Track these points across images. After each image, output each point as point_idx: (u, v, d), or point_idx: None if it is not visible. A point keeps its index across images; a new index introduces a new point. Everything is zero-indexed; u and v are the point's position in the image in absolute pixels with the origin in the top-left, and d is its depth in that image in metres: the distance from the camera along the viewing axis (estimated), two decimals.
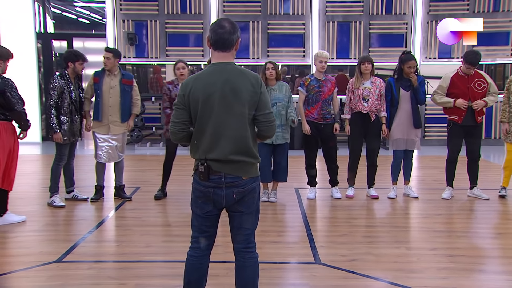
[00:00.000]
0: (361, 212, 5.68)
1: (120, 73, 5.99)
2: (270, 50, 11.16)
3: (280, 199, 6.15)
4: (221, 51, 2.75)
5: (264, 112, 2.74)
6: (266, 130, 2.78)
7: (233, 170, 2.72)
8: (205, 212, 2.81)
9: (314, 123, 6.03)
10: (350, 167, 6.22)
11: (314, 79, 6.05)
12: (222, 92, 2.68)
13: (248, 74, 2.75)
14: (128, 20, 11.06)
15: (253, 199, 2.82)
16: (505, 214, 5.63)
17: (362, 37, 11.10)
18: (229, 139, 2.69)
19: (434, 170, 7.50)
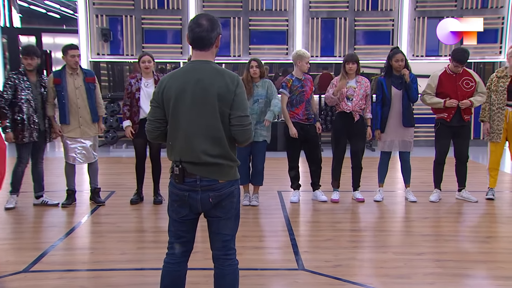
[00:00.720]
0: (346, 216, 5.72)
1: (82, 71, 5.93)
2: (251, 47, 11.16)
3: (262, 202, 6.16)
4: (200, 50, 2.75)
5: (237, 115, 2.69)
6: (239, 134, 2.72)
7: (208, 173, 2.72)
8: (181, 216, 2.81)
9: (299, 124, 6.05)
10: (334, 169, 6.26)
11: (295, 79, 6.08)
12: (193, 92, 2.68)
13: (225, 74, 2.73)
14: (102, 15, 10.96)
15: (231, 203, 2.80)
16: (494, 217, 5.72)
17: (347, 34, 11.18)
18: (203, 140, 2.68)
19: (422, 172, 7.59)
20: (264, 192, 6.52)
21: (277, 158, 8.54)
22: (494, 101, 6.16)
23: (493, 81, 6.19)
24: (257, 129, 5.88)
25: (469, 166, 6.34)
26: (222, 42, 13.52)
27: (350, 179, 6.33)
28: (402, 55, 5.99)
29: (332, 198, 6.23)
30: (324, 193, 6.30)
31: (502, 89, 6.08)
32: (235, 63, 11.14)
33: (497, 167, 6.33)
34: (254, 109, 5.83)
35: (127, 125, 5.95)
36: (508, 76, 6.09)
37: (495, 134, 6.17)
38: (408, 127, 6.12)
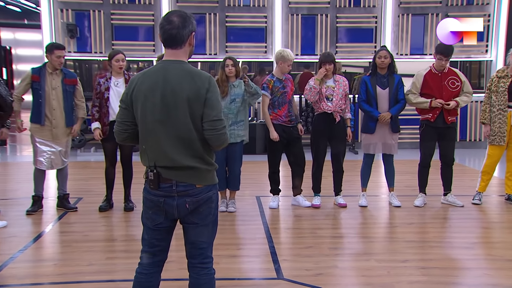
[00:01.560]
0: (327, 222, 5.76)
1: (62, 72, 5.87)
2: (228, 45, 11.18)
3: (239, 208, 6.16)
4: (171, 48, 2.74)
5: (209, 119, 2.68)
6: (212, 139, 2.71)
7: (185, 177, 2.71)
8: (156, 224, 2.80)
9: (282, 126, 6.07)
10: (315, 173, 6.30)
11: (276, 80, 6.10)
12: (162, 94, 2.67)
13: (196, 76, 2.70)
14: (67, 9, 10.85)
15: (209, 209, 2.80)
16: (481, 222, 5.82)
17: (329, 32, 11.27)
18: (176, 144, 2.68)
19: (406, 175, 7.68)
20: (242, 197, 6.52)
21: (256, 161, 8.56)
22: (495, 102, 6.23)
23: (494, 81, 6.26)
24: (234, 129, 5.88)
25: (455, 169, 6.44)
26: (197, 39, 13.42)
27: (332, 183, 6.38)
28: (387, 52, 6.06)
29: (313, 204, 6.26)
30: (305, 198, 6.33)
31: (502, 89, 6.16)
32: (211, 61, 11.14)
33: (490, 172, 6.41)
34: (231, 108, 5.84)
35: (96, 127, 5.90)
36: (509, 76, 6.16)
37: (497, 136, 6.23)
38: (395, 132, 6.20)
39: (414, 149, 7.09)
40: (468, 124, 11.52)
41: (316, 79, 6.03)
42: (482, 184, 6.44)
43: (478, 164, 9.64)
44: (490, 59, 11.38)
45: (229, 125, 5.84)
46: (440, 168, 6.36)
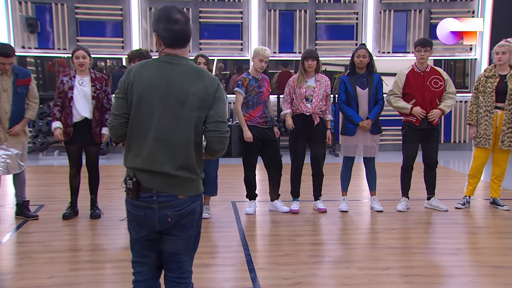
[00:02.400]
0: (306, 228, 5.77)
1: (13, 72, 5.75)
2: (202, 42, 11.16)
3: (214, 214, 6.14)
4: (179, 47, 2.72)
5: (215, 120, 2.68)
6: (215, 141, 2.70)
7: (167, 187, 2.65)
8: (141, 236, 2.74)
9: (257, 128, 6.07)
10: (293, 177, 6.31)
11: (252, 79, 6.10)
12: (165, 91, 2.62)
13: (204, 75, 2.71)
14: (27, 2, 10.67)
15: (192, 221, 2.74)
16: (465, 227, 5.90)
17: (308, 28, 11.33)
18: (169, 148, 2.62)
19: (389, 178, 7.76)
20: (216, 203, 6.51)
21: (231, 165, 8.55)
22: (482, 103, 6.29)
23: (481, 81, 6.31)
24: None
25: (439, 172, 6.52)
26: None
27: (311, 188, 6.40)
28: (366, 50, 6.11)
29: (292, 209, 6.28)
30: (284, 203, 6.34)
31: (490, 90, 6.21)
32: None
33: (478, 175, 6.49)
34: None
35: (56, 127, 5.80)
36: (497, 76, 6.23)
37: (482, 139, 6.29)
38: (376, 134, 6.25)
39: (397, 151, 7.17)
40: (452, 125, 11.68)
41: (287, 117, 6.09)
42: (470, 188, 6.52)
43: (463, 167, 9.79)
44: (474, 57, 11.56)
45: None
46: (423, 171, 6.43)
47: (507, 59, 6.20)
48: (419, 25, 11.41)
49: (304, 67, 6.09)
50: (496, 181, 6.48)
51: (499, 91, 6.19)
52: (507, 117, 6.20)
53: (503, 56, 6.18)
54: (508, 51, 6.17)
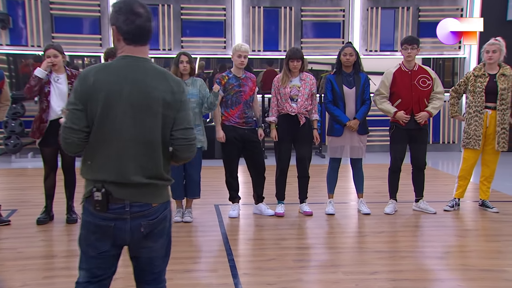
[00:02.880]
0: (292, 232, 5.78)
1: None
2: (184, 39, 11.14)
3: (196, 218, 6.13)
4: (138, 45, 2.59)
5: (181, 127, 2.61)
6: (183, 149, 2.64)
7: (141, 196, 2.57)
8: (100, 252, 2.61)
9: (235, 128, 6.07)
10: (278, 179, 6.32)
11: (232, 77, 6.11)
12: (130, 96, 2.51)
13: (169, 77, 2.62)
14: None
15: (164, 229, 2.69)
16: (454, 230, 5.96)
17: (293, 26, 11.36)
18: (138, 156, 2.54)
19: (376, 180, 7.80)
20: (199, 206, 6.50)
21: (214, 167, 8.53)
22: (471, 103, 6.33)
23: (470, 80, 6.35)
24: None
25: (427, 173, 6.58)
26: None
27: (297, 190, 6.42)
28: (352, 49, 6.14)
29: (276, 212, 6.28)
30: (268, 206, 6.35)
31: (479, 89, 6.24)
32: (165, 57, 11.05)
33: (468, 177, 6.53)
34: None
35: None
36: (486, 75, 6.27)
37: (472, 140, 6.33)
38: (363, 134, 6.29)
39: (385, 152, 7.21)
40: (441, 125, 11.78)
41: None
42: (460, 190, 6.55)
43: (452, 168, 9.88)
44: (463, 56, 11.67)
45: None
46: (411, 173, 6.48)
47: (497, 57, 6.26)
48: (407, 23, 11.49)
49: (288, 67, 6.09)
50: (485, 182, 6.54)
51: (488, 91, 6.24)
52: (500, 117, 6.25)
53: (494, 55, 6.24)
54: (498, 49, 6.24)
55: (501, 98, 6.22)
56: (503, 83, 6.21)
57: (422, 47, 10.54)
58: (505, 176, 8.27)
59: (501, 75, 6.25)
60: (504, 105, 6.24)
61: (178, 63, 5.86)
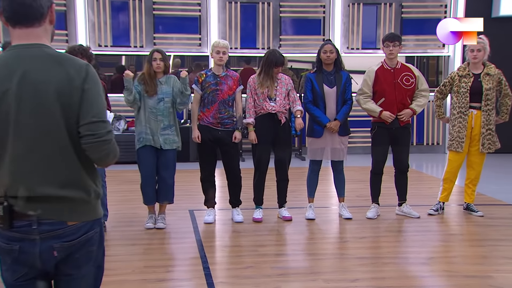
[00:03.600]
0: (270, 238, 5.80)
1: None
2: (156, 36, 11.09)
3: (169, 224, 6.11)
4: (24, 26, 2.23)
5: (86, 121, 2.22)
6: (91, 149, 2.25)
7: (52, 212, 2.23)
8: (18, 277, 2.29)
9: (209, 129, 6.07)
10: (256, 182, 6.33)
11: (211, 75, 6.11)
12: (19, 92, 2.18)
13: (65, 60, 2.25)
14: None
15: (88, 255, 2.36)
16: (438, 235, 6.03)
17: (272, 22, 11.38)
18: (41, 163, 2.22)
19: (358, 183, 7.86)
20: (173, 211, 6.47)
21: (189, 170, 8.52)
22: (456, 104, 6.39)
23: (455, 80, 6.42)
24: (168, 134, 5.84)
25: (411, 176, 6.64)
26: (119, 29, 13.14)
27: (275, 194, 6.43)
28: (332, 46, 6.19)
29: (254, 217, 6.29)
30: (244, 211, 6.35)
31: (464, 90, 6.31)
32: (136, 55, 11.00)
33: (453, 179, 6.60)
34: (159, 109, 5.79)
35: None
36: (471, 75, 6.34)
37: (455, 141, 6.39)
38: (344, 135, 6.33)
39: (367, 155, 7.26)
40: (425, 126, 11.90)
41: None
42: (444, 194, 6.61)
43: (436, 171, 10.00)
44: (447, 54, 11.82)
45: (162, 129, 5.81)
46: (394, 176, 6.54)
47: (482, 56, 6.36)
48: (389, 20, 11.60)
49: (271, 72, 6.09)
50: (470, 185, 6.61)
51: (473, 91, 6.31)
52: (485, 118, 6.33)
53: (478, 54, 6.34)
54: (483, 48, 6.34)
55: (486, 99, 6.30)
56: (488, 82, 6.29)
57: (405, 45, 10.68)
58: (491, 178, 8.40)
59: (486, 75, 6.34)
60: (489, 105, 6.33)
61: (151, 60, 5.83)
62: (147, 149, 5.82)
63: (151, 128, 5.81)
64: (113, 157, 2.31)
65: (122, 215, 6.44)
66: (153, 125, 5.80)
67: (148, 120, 5.81)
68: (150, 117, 5.80)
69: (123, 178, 8.26)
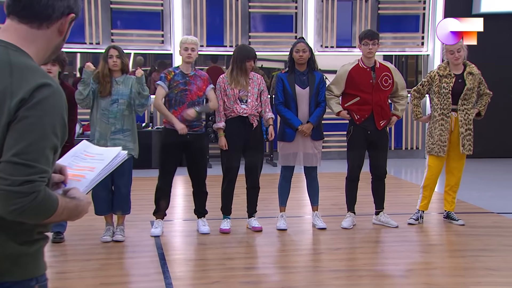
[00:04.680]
0: (239, 250, 5.79)
1: None
2: (114, 32, 10.99)
3: (129, 237, 6.03)
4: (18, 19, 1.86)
5: (4, 158, 1.72)
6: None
7: None
8: None
9: (176, 133, 6.02)
10: (225, 190, 6.31)
11: (179, 73, 6.08)
12: None
13: (18, 75, 1.78)
14: None
15: None
16: (417, 246, 6.09)
17: (240, 18, 11.38)
18: None
19: (333, 191, 7.88)
20: (133, 222, 6.40)
21: (152, 178, 8.41)
22: (436, 106, 6.42)
23: (435, 80, 6.44)
24: (120, 139, 5.75)
25: (389, 183, 6.70)
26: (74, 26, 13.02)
27: (245, 203, 6.43)
28: (305, 44, 6.22)
29: (222, 228, 6.26)
30: (211, 221, 6.32)
31: (446, 91, 6.35)
32: (93, 52, 10.87)
33: (433, 186, 6.64)
34: (113, 112, 5.72)
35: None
36: (452, 76, 6.39)
37: (436, 146, 6.41)
38: (318, 140, 6.36)
39: (342, 160, 7.30)
40: (403, 129, 12.01)
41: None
42: (424, 202, 6.62)
43: (416, 177, 10.10)
44: (426, 53, 11.97)
45: (113, 133, 5.73)
46: (371, 183, 6.58)
47: (463, 56, 6.45)
48: (365, 16, 11.70)
49: (244, 67, 6.10)
50: (450, 192, 6.64)
51: (454, 92, 6.38)
52: (463, 117, 6.40)
53: (459, 54, 6.42)
54: (462, 48, 6.44)
55: (464, 98, 6.37)
56: (470, 82, 6.38)
57: (383, 43, 10.78)
58: (472, 184, 8.51)
59: (469, 74, 6.42)
60: (466, 104, 6.39)
61: (107, 58, 5.76)
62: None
63: (101, 131, 5.72)
64: (34, 217, 1.76)
65: (77, 228, 6.31)
66: (103, 128, 5.73)
67: (99, 123, 5.73)
68: (101, 119, 5.72)
69: None
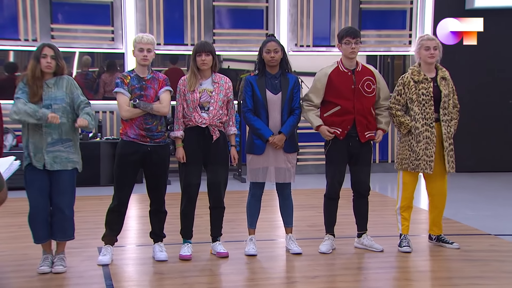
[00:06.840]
0: (201, 280, 5.75)
1: None
2: (55, 27, 10.92)
3: (72, 267, 5.95)
4: None
5: None
6: None
7: None
8: None
9: (134, 145, 5.96)
10: (184, 210, 6.28)
11: (134, 77, 6.04)
12: None
13: None
14: None
15: None
16: (403, 273, 6.11)
17: (203, 13, 11.39)
18: None
19: (309, 210, 7.90)
20: (76, 249, 6.33)
21: (101, 196, 8.37)
22: (417, 115, 6.36)
23: (410, 86, 6.39)
24: (60, 151, 5.65)
25: (372, 200, 6.70)
26: (6, 19, 12.94)
27: (208, 225, 6.40)
28: (277, 44, 6.22)
29: (181, 254, 6.22)
30: (169, 247, 6.28)
31: (427, 98, 6.32)
32: (28, 51, 10.72)
33: (411, 205, 6.63)
34: None
35: None
36: (429, 80, 6.36)
37: (422, 161, 6.33)
38: (292, 152, 6.36)
39: (321, 175, 7.32)
40: (389, 140, 12.09)
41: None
42: (405, 224, 6.60)
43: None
44: (412, 53, 12.09)
45: (50, 145, 5.61)
46: (352, 201, 6.60)
47: (437, 56, 6.45)
48: (345, 12, 11.79)
49: (196, 64, 6.09)
50: (438, 217, 6.63)
51: (437, 98, 6.38)
52: (446, 130, 6.41)
53: (435, 52, 6.40)
54: (438, 46, 6.43)
55: (444, 107, 6.39)
56: (445, 88, 6.41)
57: (365, 42, 10.89)
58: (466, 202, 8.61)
59: (442, 79, 6.43)
60: (447, 115, 6.41)
61: (39, 57, 5.65)
62: (36, 170, 5.64)
63: (35, 142, 5.61)
64: None
65: (9, 257, 6.23)
66: (37, 139, 5.60)
67: (31, 133, 5.62)
68: (34, 128, 5.59)
69: (12, 208, 7.90)
